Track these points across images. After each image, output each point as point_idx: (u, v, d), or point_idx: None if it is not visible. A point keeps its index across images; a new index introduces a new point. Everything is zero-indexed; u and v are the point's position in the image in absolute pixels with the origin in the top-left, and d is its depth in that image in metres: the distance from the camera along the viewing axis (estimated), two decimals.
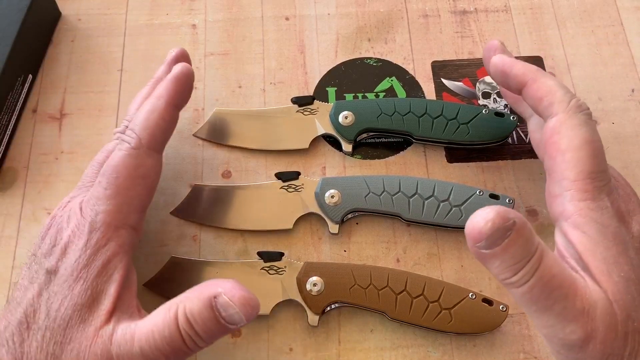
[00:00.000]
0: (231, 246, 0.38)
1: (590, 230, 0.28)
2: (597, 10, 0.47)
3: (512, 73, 0.33)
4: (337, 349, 0.36)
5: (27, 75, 0.43)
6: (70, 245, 0.29)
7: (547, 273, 0.25)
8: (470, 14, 0.47)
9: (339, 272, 0.36)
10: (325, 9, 0.47)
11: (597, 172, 0.29)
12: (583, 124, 0.30)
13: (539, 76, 0.32)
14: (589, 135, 0.29)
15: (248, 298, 0.27)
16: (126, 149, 0.31)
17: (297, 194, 0.39)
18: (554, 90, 0.31)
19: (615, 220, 0.28)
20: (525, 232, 0.25)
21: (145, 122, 0.32)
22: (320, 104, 0.42)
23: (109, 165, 0.31)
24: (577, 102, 0.31)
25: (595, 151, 0.29)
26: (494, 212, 0.24)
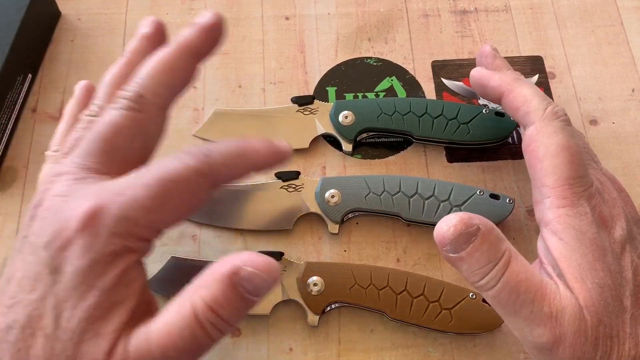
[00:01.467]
0: (231, 246, 0.38)
1: (567, 236, 0.28)
2: (597, 10, 0.47)
3: (489, 85, 0.34)
4: (337, 349, 0.36)
5: (27, 75, 0.43)
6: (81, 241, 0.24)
7: (513, 278, 0.26)
8: (471, 14, 0.47)
9: (339, 272, 0.36)
10: (325, 8, 0.47)
11: (574, 177, 0.29)
12: (559, 130, 0.30)
13: (514, 86, 0.33)
14: (565, 142, 0.30)
15: (268, 262, 0.24)
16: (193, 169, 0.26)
17: (297, 193, 0.38)
18: (529, 100, 0.32)
19: (594, 226, 0.28)
20: (491, 238, 0.26)
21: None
22: (320, 103, 0.42)
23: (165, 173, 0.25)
24: (553, 109, 0.31)
25: (572, 157, 0.29)
26: (457, 218, 0.26)
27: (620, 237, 0.29)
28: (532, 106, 0.31)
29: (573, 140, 0.30)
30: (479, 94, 0.37)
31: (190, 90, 0.43)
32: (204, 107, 0.43)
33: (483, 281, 0.26)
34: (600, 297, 0.26)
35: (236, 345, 0.36)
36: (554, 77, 0.44)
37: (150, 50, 0.30)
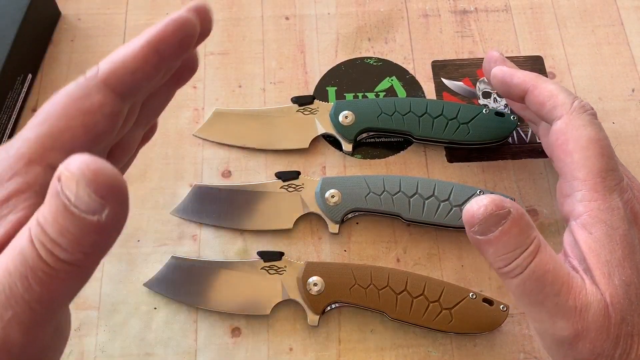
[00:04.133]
0: (231, 246, 0.38)
1: (598, 231, 0.27)
2: (597, 9, 0.47)
3: (512, 82, 0.34)
4: (337, 349, 0.36)
5: (27, 75, 0.42)
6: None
7: (541, 268, 0.25)
8: (471, 14, 0.47)
9: (339, 272, 0.36)
10: (326, 8, 0.47)
11: (606, 170, 0.29)
12: (588, 123, 0.30)
13: (539, 82, 0.33)
14: (595, 134, 0.29)
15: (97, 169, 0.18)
16: (77, 80, 0.25)
17: (297, 193, 0.38)
18: (555, 94, 0.32)
19: (625, 222, 0.28)
20: (522, 223, 0.25)
21: (112, 56, 0.25)
22: (320, 103, 0.42)
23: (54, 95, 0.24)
24: (580, 103, 0.31)
25: (603, 149, 0.29)
26: (489, 199, 0.25)
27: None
28: (559, 100, 0.31)
29: (602, 134, 0.30)
30: (500, 93, 0.37)
31: (190, 90, 0.43)
32: (204, 107, 0.43)
33: (509, 267, 0.26)
34: (626, 295, 0.26)
35: (236, 345, 0.36)
36: (554, 77, 0.44)
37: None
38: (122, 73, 0.24)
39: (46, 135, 0.23)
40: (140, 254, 0.38)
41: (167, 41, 0.26)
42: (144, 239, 0.38)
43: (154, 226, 0.39)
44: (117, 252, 0.38)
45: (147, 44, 0.25)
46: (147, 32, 0.25)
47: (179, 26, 0.26)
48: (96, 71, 0.24)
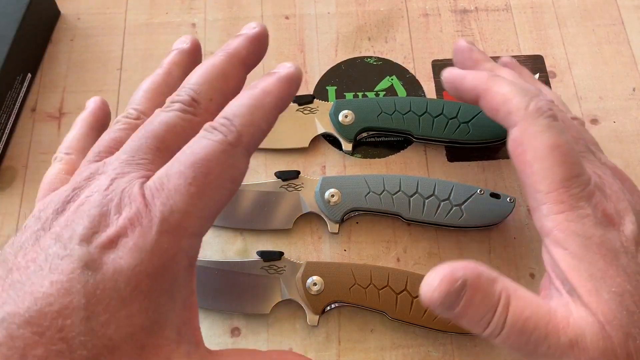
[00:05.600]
0: (231, 245, 0.38)
1: (572, 245, 0.25)
2: (597, 9, 0.47)
3: (462, 88, 0.31)
4: (337, 349, 0.35)
5: (26, 74, 0.42)
6: (124, 240, 0.21)
7: (518, 319, 0.24)
8: (471, 13, 0.47)
9: (339, 271, 0.35)
10: (325, 7, 0.47)
11: (570, 178, 0.26)
12: (545, 129, 0.27)
13: (491, 85, 0.29)
14: (554, 141, 0.26)
15: None
16: (222, 143, 0.23)
17: (297, 193, 0.38)
18: (508, 98, 0.28)
19: (600, 227, 0.25)
20: (481, 284, 0.24)
21: (249, 117, 0.25)
22: (320, 102, 0.42)
23: (197, 155, 0.23)
24: (537, 104, 0.28)
25: (564, 156, 0.26)
26: (438, 278, 0.24)
27: (632, 232, 0.26)
28: (512, 105, 0.28)
29: (562, 137, 0.27)
30: (456, 98, 0.34)
31: None
32: None
33: (488, 331, 0.24)
34: (621, 306, 0.24)
35: (236, 344, 0.35)
36: (555, 76, 0.44)
37: (189, 64, 0.29)
38: (258, 137, 0.25)
39: (205, 208, 0.23)
40: None
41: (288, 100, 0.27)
42: None
43: None
44: None
45: (277, 109, 0.26)
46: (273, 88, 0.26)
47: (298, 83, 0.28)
48: (238, 135, 0.24)
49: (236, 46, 0.28)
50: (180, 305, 0.23)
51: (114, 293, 0.20)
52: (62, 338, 0.19)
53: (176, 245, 0.22)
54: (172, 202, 0.22)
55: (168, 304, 0.22)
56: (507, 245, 0.38)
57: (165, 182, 0.23)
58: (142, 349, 0.21)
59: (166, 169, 0.23)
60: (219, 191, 0.23)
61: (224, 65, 0.27)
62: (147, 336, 0.21)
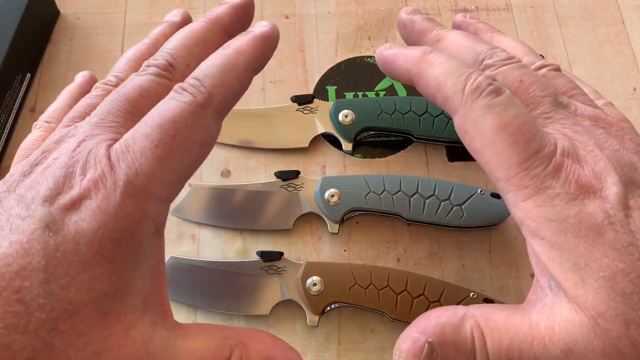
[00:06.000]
0: (230, 245, 0.38)
1: (547, 233, 0.22)
2: (598, 8, 0.47)
3: (396, 73, 0.28)
4: (337, 349, 0.35)
5: (26, 74, 0.42)
6: (87, 201, 0.21)
7: (499, 350, 0.22)
8: (471, 13, 0.46)
9: (339, 271, 0.35)
10: (326, 7, 0.47)
11: (527, 159, 0.23)
12: (487, 111, 0.24)
13: (423, 68, 0.26)
14: (498, 122, 0.23)
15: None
16: (191, 104, 0.23)
17: (297, 193, 0.38)
18: (441, 83, 0.25)
19: (575, 204, 0.22)
20: (449, 338, 0.23)
21: (220, 77, 0.24)
22: (320, 102, 0.42)
23: (165, 117, 0.22)
24: (473, 84, 0.24)
25: (514, 135, 0.23)
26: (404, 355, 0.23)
27: (617, 195, 0.22)
28: (447, 90, 0.25)
29: (508, 114, 0.23)
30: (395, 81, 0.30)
31: None
32: None
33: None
34: (614, 292, 0.21)
35: None
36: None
37: None
38: (231, 99, 0.25)
39: (172, 172, 0.23)
40: None
41: (264, 60, 0.26)
42: None
43: None
44: None
45: (249, 67, 0.25)
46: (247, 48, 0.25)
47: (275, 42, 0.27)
48: (207, 96, 0.23)
49: (219, 13, 0.27)
50: (147, 273, 0.22)
51: (75, 256, 0.20)
52: (19, 300, 0.19)
53: (141, 209, 0.21)
54: (138, 164, 0.22)
55: (133, 271, 0.21)
56: (507, 245, 0.38)
57: (131, 145, 0.22)
58: (104, 314, 0.20)
59: (133, 131, 0.23)
60: (187, 154, 0.23)
61: (204, 31, 0.26)
62: (110, 302, 0.21)
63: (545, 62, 0.29)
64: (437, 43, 0.29)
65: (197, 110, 0.23)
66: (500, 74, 0.26)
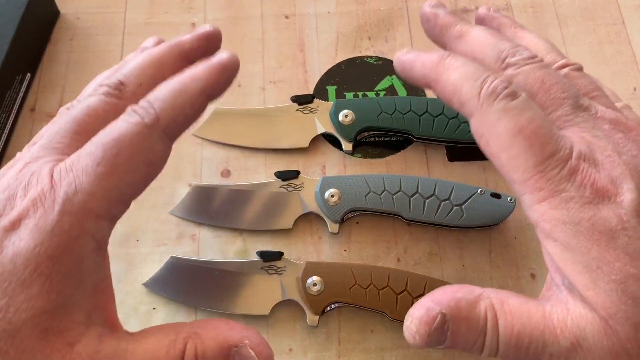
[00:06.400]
0: (230, 246, 0.38)
1: (561, 235, 0.23)
2: (598, 8, 0.47)
3: (413, 78, 0.29)
4: (337, 349, 0.35)
5: (26, 74, 0.42)
6: (26, 221, 0.21)
7: (510, 335, 0.23)
8: (472, 13, 0.46)
9: (339, 271, 0.35)
10: (325, 7, 0.47)
11: (542, 161, 0.23)
12: (502, 114, 0.24)
13: (439, 74, 0.27)
14: (514, 125, 0.24)
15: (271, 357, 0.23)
16: (137, 124, 0.23)
17: (297, 193, 0.38)
18: (458, 88, 0.26)
19: (589, 208, 0.23)
20: (463, 313, 0.23)
21: (171, 101, 0.25)
22: (320, 102, 0.41)
23: (109, 136, 0.23)
24: (488, 88, 0.25)
25: (530, 139, 0.24)
26: (415, 321, 0.23)
27: (632, 201, 0.23)
28: (464, 95, 0.25)
29: (524, 117, 0.24)
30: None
31: None
32: None
33: (484, 354, 0.23)
34: (625, 295, 0.21)
35: None
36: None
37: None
38: (181, 122, 0.25)
39: (112, 189, 0.23)
40: (139, 254, 0.38)
41: (220, 88, 0.27)
42: (142, 238, 0.38)
43: (152, 226, 0.39)
44: (115, 252, 0.38)
45: (203, 92, 0.26)
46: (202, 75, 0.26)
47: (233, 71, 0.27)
48: (155, 117, 0.24)
49: (180, 39, 0.28)
50: (90, 289, 0.23)
51: (12, 276, 0.21)
52: None
53: (79, 226, 0.22)
54: (78, 182, 0.22)
55: (74, 287, 0.22)
56: (507, 245, 0.38)
57: (75, 163, 0.23)
58: (45, 332, 0.21)
59: (80, 151, 0.23)
60: (130, 173, 0.23)
61: (161, 54, 0.27)
62: (49, 319, 0.21)
63: (568, 61, 0.29)
64: (459, 39, 0.29)
65: (144, 130, 0.24)
66: (522, 73, 0.26)
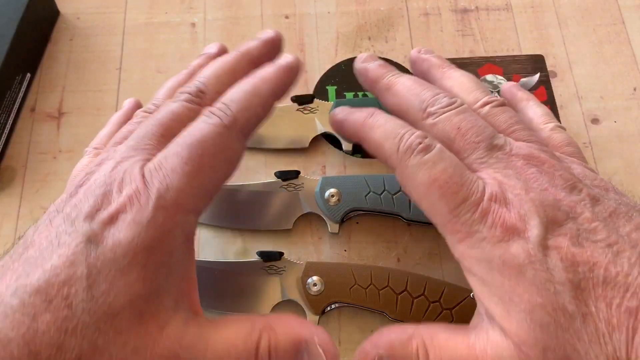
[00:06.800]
0: (231, 246, 0.38)
1: (478, 271, 0.25)
2: (598, 8, 0.47)
3: (345, 134, 0.32)
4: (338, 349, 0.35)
5: (26, 74, 0.42)
6: (123, 215, 0.24)
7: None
8: (471, 12, 0.46)
9: (339, 272, 0.35)
10: (326, 7, 0.47)
11: (455, 207, 0.26)
12: (417, 169, 0.27)
13: (365, 133, 0.30)
14: (427, 178, 0.26)
15: (337, 356, 0.25)
16: (217, 125, 0.26)
17: (297, 193, 0.38)
18: (379, 145, 0.29)
19: (500, 246, 0.25)
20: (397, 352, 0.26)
21: (245, 102, 0.27)
22: (320, 102, 0.41)
23: (194, 137, 0.26)
24: (404, 145, 0.27)
25: (442, 189, 0.26)
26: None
27: (537, 237, 0.25)
28: (385, 152, 0.28)
29: (436, 170, 0.26)
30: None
31: None
32: None
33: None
34: (533, 323, 0.24)
35: None
36: (556, 75, 0.44)
37: None
38: (254, 122, 0.28)
39: (199, 186, 0.25)
40: None
41: (286, 88, 0.30)
42: None
43: None
44: None
45: (273, 93, 0.28)
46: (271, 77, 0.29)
47: (298, 72, 0.30)
48: (232, 118, 0.26)
49: (249, 46, 0.31)
50: (178, 278, 0.25)
51: (113, 264, 0.23)
52: (67, 305, 0.22)
53: (171, 220, 0.24)
54: (169, 180, 0.24)
55: (165, 276, 0.24)
56: None
57: (163, 163, 0.25)
58: (140, 315, 0.23)
59: (166, 151, 0.25)
60: (214, 170, 0.26)
61: (234, 62, 0.30)
62: (144, 303, 0.23)
63: (489, 98, 0.31)
64: (387, 91, 0.32)
65: (223, 131, 0.26)
66: (441, 121, 0.29)
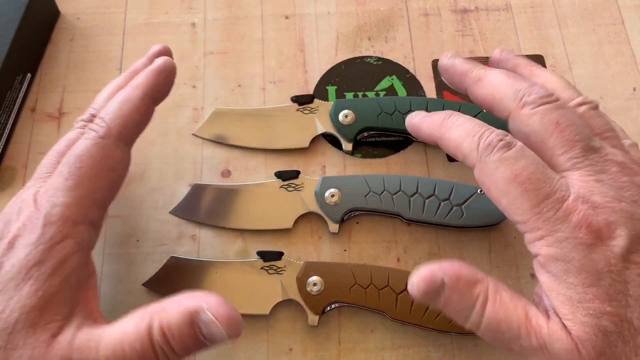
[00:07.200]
0: (231, 245, 0.38)
1: (554, 269, 0.26)
2: (598, 8, 0.47)
3: (422, 136, 0.33)
4: (337, 349, 0.35)
5: (26, 74, 0.42)
6: (19, 239, 0.27)
7: (493, 319, 0.26)
8: (471, 13, 0.46)
9: (339, 271, 0.35)
10: (326, 7, 0.47)
11: (537, 204, 0.26)
12: (498, 165, 0.27)
13: (442, 132, 0.31)
14: (509, 173, 0.27)
15: (233, 316, 0.25)
16: (93, 138, 0.29)
17: (297, 193, 0.38)
18: (459, 143, 0.29)
19: (580, 249, 0.25)
20: (460, 286, 0.26)
21: (118, 111, 0.30)
22: (320, 102, 0.42)
23: (72, 154, 0.29)
24: (485, 142, 0.28)
25: (524, 185, 0.26)
26: (419, 278, 0.26)
27: (622, 247, 0.25)
28: (464, 150, 0.29)
29: (518, 165, 0.27)
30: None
31: (190, 90, 0.43)
32: (203, 107, 0.43)
33: (467, 323, 0.27)
34: (597, 329, 0.24)
35: (235, 345, 0.35)
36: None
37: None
38: (131, 127, 0.30)
39: (83, 197, 0.28)
40: (139, 253, 0.38)
41: (161, 89, 0.32)
42: (143, 238, 0.38)
43: (153, 226, 0.39)
44: (116, 252, 0.38)
45: (145, 96, 0.31)
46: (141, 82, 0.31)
47: (168, 72, 0.32)
48: (107, 128, 0.29)
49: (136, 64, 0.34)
50: (74, 286, 0.27)
51: (8, 284, 0.26)
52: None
53: (60, 233, 0.27)
54: (54, 198, 0.27)
55: (59, 285, 0.26)
56: (507, 245, 0.38)
57: (50, 183, 0.28)
58: (33, 327, 0.25)
59: (53, 174, 0.29)
60: (96, 180, 0.29)
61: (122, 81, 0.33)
62: (38, 315, 0.25)
63: (584, 99, 0.31)
64: (478, 82, 0.32)
65: (99, 141, 0.29)
66: (538, 113, 0.28)
